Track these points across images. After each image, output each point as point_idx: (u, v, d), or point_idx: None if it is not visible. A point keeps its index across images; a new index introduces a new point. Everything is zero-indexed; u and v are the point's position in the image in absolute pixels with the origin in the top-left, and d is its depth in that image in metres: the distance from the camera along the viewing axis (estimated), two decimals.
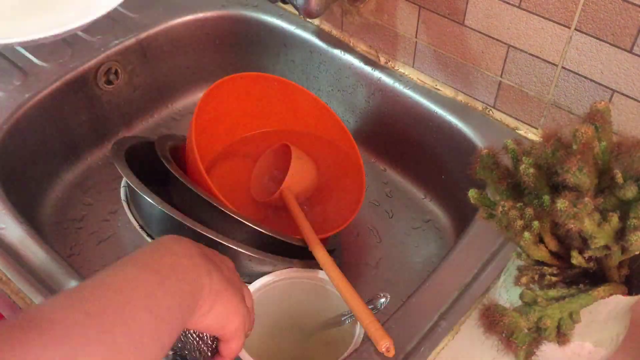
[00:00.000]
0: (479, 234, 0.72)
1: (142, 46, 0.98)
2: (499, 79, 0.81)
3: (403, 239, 0.91)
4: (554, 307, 0.48)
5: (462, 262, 0.70)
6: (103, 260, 0.88)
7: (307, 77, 1.00)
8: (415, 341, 0.64)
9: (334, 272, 0.66)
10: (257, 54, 1.05)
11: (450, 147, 0.87)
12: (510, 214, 0.49)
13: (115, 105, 0.98)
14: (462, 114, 0.85)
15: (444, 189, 0.92)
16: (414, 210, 0.94)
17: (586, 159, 0.45)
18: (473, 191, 0.54)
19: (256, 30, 1.01)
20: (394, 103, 0.91)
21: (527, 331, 0.48)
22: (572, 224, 0.45)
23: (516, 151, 0.51)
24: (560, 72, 0.74)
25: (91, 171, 0.96)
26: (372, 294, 0.68)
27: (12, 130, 0.85)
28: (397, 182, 0.96)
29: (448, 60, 0.85)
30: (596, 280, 0.52)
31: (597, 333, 0.56)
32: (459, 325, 0.65)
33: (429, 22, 0.82)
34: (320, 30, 0.97)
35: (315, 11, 0.79)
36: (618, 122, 0.73)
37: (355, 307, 0.63)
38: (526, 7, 0.72)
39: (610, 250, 0.48)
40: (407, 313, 0.66)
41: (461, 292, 0.67)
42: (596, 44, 0.69)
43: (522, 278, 0.52)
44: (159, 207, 0.68)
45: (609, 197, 0.47)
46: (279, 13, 0.99)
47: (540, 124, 0.81)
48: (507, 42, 0.76)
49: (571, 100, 0.76)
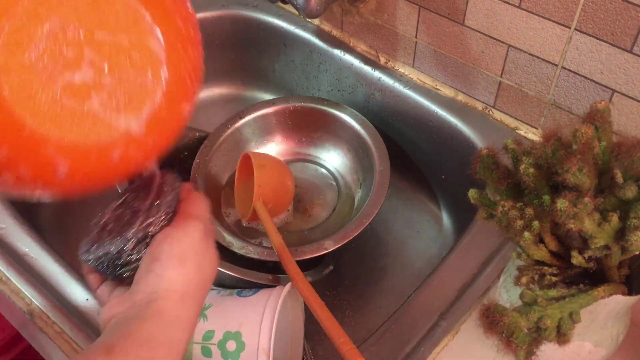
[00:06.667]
0: (479, 234, 0.72)
1: None
2: (499, 79, 0.81)
3: (403, 239, 0.91)
4: (554, 307, 0.48)
5: (462, 262, 0.70)
6: None
7: (307, 77, 1.00)
8: (415, 341, 0.64)
9: (305, 288, 0.63)
10: (257, 54, 1.05)
11: (450, 147, 0.87)
12: (510, 214, 0.49)
13: None
14: (462, 114, 0.85)
15: (444, 189, 0.92)
16: (414, 210, 0.94)
17: (586, 159, 0.45)
18: (473, 191, 0.54)
19: (256, 30, 1.01)
20: (394, 103, 0.91)
21: (527, 331, 0.48)
22: (572, 224, 0.45)
23: (516, 151, 0.51)
24: (560, 72, 0.74)
25: None
26: (372, 294, 0.68)
27: None
28: (397, 181, 0.95)
29: (448, 60, 0.85)
30: (596, 280, 0.52)
31: (597, 333, 0.56)
32: (459, 325, 0.65)
33: (429, 22, 0.82)
34: (320, 30, 0.97)
35: (315, 11, 0.79)
36: (618, 122, 0.73)
37: (327, 324, 0.59)
38: (526, 7, 0.72)
39: (610, 250, 0.48)
40: (407, 313, 0.66)
41: (461, 292, 0.67)
42: (596, 44, 0.69)
43: (522, 278, 0.52)
44: None
45: (609, 197, 0.47)
46: (279, 13, 0.99)
47: (540, 124, 0.81)
48: (507, 42, 0.76)
49: (571, 100, 0.76)
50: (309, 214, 0.89)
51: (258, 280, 0.69)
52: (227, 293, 0.69)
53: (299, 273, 0.65)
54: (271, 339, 0.61)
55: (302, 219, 0.88)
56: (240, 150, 0.90)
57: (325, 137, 0.93)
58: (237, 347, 0.63)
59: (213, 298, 0.68)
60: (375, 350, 0.63)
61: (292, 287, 0.66)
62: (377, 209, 0.78)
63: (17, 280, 0.69)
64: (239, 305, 0.66)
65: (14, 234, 0.73)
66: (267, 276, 0.70)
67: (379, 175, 0.82)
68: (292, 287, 0.66)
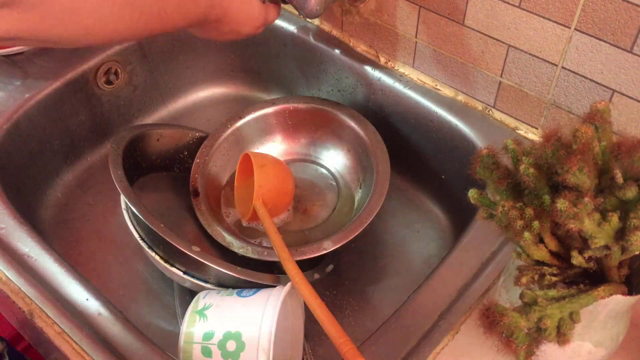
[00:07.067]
0: (479, 234, 0.72)
1: (142, 46, 0.98)
2: (499, 79, 0.81)
3: (403, 239, 0.91)
4: (554, 307, 0.48)
5: (462, 262, 0.70)
6: (103, 260, 0.88)
7: (307, 77, 1.00)
8: (415, 341, 0.64)
9: (305, 288, 0.64)
10: (257, 54, 1.05)
11: (450, 147, 0.87)
12: (510, 214, 0.49)
13: (115, 105, 0.98)
14: (462, 114, 0.85)
15: (444, 189, 0.92)
16: (414, 210, 0.94)
17: (586, 159, 0.45)
18: (473, 191, 0.54)
19: None
20: (394, 103, 0.91)
21: (527, 331, 0.48)
22: (572, 224, 0.45)
23: (516, 151, 0.51)
24: (560, 72, 0.74)
25: (91, 171, 0.96)
26: (372, 294, 0.68)
27: (12, 130, 0.85)
28: (397, 181, 0.95)
29: (448, 60, 0.85)
30: (596, 280, 0.52)
31: (597, 333, 0.56)
32: (459, 325, 0.65)
33: (429, 22, 0.82)
34: (320, 30, 0.97)
35: (315, 11, 0.79)
36: (618, 122, 0.73)
37: (327, 324, 0.59)
38: (526, 7, 0.72)
39: (610, 250, 0.48)
40: (407, 313, 0.66)
41: (461, 292, 0.67)
42: (596, 44, 0.69)
43: (522, 278, 0.52)
44: (145, 221, 0.69)
45: (609, 197, 0.47)
46: None
47: (540, 124, 0.81)
48: (507, 42, 0.76)
49: (571, 100, 0.76)
50: (309, 214, 0.89)
51: (258, 280, 0.69)
52: (227, 293, 0.69)
53: (299, 273, 0.65)
54: (271, 339, 0.61)
55: (302, 219, 0.88)
56: (240, 150, 0.90)
57: (325, 137, 0.93)
58: (237, 347, 0.63)
59: (213, 298, 0.68)
60: (375, 350, 0.63)
61: (292, 287, 0.66)
62: (377, 209, 0.78)
63: (17, 280, 0.69)
64: (239, 305, 0.66)
65: (14, 234, 0.73)
66: (267, 276, 0.70)
67: (379, 175, 0.82)
68: (292, 287, 0.66)
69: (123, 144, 0.80)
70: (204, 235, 0.80)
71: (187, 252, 0.67)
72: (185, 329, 0.66)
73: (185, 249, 0.67)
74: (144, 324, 0.80)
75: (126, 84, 0.98)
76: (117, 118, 0.99)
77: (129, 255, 0.88)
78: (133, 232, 0.74)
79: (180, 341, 0.66)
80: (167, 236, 0.68)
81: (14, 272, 0.70)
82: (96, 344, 0.64)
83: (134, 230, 0.74)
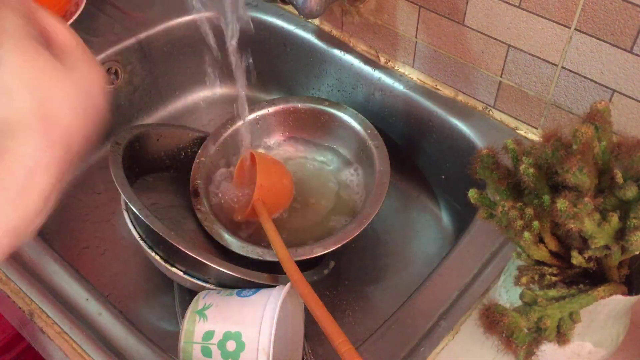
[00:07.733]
0: (479, 234, 0.72)
1: (142, 46, 0.98)
2: (499, 79, 0.81)
3: (403, 239, 0.91)
4: (554, 307, 0.48)
5: (462, 262, 0.70)
6: (104, 261, 0.88)
7: (307, 77, 1.00)
8: (415, 341, 0.64)
9: (303, 288, 0.64)
10: (257, 54, 1.04)
11: (450, 147, 0.87)
12: (510, 214, 0.49)
13: (115, 105, 0.98)
14: (462, 114, 0.85)
15: (444, 189, 0.92)
16: (414, 210, 0.94)
17: (586, 159, 0.45)
18: (473, 191, 0.54)
19: (256, 30, 1.01)
20: (394, 103, 0.91)
21: (527, 331, 0.48)
22: (572, 224, 0.45)
23: (516, 151, 0.51)
24: (560, 72, 0.74)
25: (91, 171, 0.96)
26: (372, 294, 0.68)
27: None
28: (397, 182, 0.95)
29: (448, 60, 0.85)
30: (596, 280, 0.52)
31: (597, 333, 0.56)
32: (459, 325, 0.65)
33: (429, 22, 0.82)
34: (320, 30, 0.97)
35: (315, 11, 0.79)
36: (618, 122, 0.73)
37: (325, 324, 0.59)
38: (526, 7, 0.72)
39: (610, 250, 0.48)
40: (407, 313, 0.66)
41: (461, 292, 0.67)
42: (596, 44, 0.69)
43: (522, 278, 0.52)
44: (145, 220, 0.69)
45: (609, 197, 0.47)
46: (279, 13, 0.99)
47: (540, 124, 0.81)
48: (507, 42, 0.76)
49: (571, 100, 0.76)
50: (308, 214, 0.89)
51: (258, 280, 0.69)
52: (227, 293, 0.69)
53: (298, 273, 0.65)
54: (271, 339, 0.61)
55: (302, 219, 0.88)
56: (240, 151, 0.90)
57: (325, 137, 0.93)
58: (237, 347, 0.63)
59: (213, 298, 0.68)
60: (375, 350, 0.63)
61: (292, 287, 0.66)
62: (377, 209, 0.78)
63: (17, 280, 0.69)
64: (238, 305, 0.66)
65: None
66: (267, 276, 0.70)
67: (379, 175, 0.82)
68: (292, 287, 0.66)
69: (123, 144, 0.80)
70: (204, 235, 0.80)
71: (187, 252, 0.67)
72: (185, 329, 0.66)
73: (185, 249, 0.67)
74: (144, 324, 0.80)
75: (126, 84, 0.98)
76: (117, 118, 0.99)
77: (129, 255, 0.88)
78: (133, 232, 0.74)
79: (180, 341, 0.66)
80: (167, 236, 0.68)
81: (14, 272, 0.70)
82: (96, 344, 0.64)
83: (134, 230, 0.74)
